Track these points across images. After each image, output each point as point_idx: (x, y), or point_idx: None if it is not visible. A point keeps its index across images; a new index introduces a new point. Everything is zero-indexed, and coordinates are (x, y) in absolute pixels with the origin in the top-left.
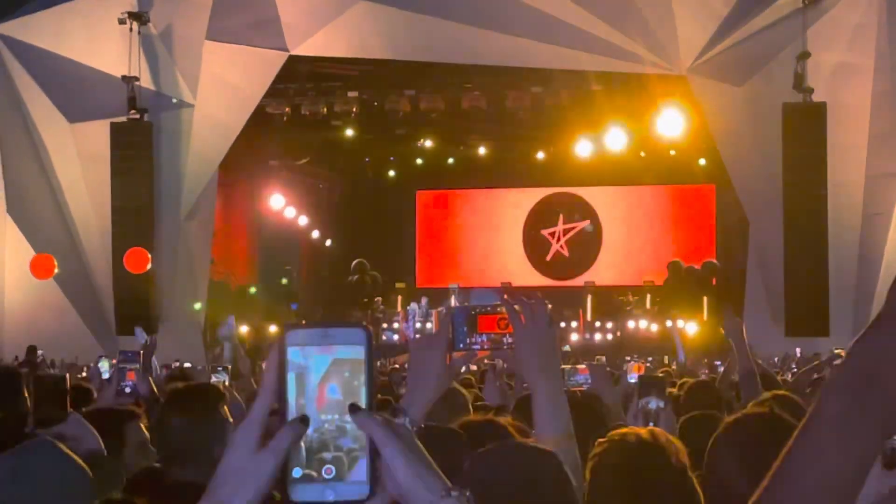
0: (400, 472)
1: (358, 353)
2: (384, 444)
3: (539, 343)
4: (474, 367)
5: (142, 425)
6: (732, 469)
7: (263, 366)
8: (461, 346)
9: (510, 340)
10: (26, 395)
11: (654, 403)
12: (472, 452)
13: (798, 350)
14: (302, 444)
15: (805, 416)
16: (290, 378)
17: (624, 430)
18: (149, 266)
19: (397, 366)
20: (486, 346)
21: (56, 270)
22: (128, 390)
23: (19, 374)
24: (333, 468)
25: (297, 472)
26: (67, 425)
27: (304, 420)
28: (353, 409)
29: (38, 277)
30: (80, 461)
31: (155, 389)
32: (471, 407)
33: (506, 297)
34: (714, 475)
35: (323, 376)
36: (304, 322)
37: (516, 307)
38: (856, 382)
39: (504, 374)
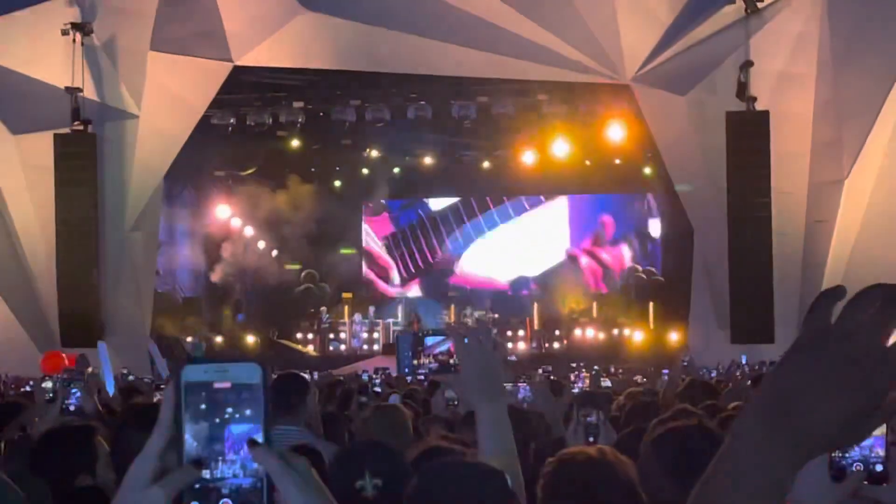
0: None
1: (255, 389)
2: (281, 478)
3: (482, 367)
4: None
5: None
6: (660, 481)
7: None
8: (406, 370)
9: (456, 362)
10: None
11: (593, 417)
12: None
13: (744, 357)
14: (204, 478)
15: (726, 440)
16: (186, 414)
17: (573, 449)
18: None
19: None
20: (431, 370)
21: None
22: (72, 408)
23: None
24: (230, 501)
25: None
26: None
27: (198, 464)
28: (252, 443)
29: (48, 372)
30: (10, 482)
31: (100, 407)
32: (410, 424)
33: (450, 322)
34: (644, 486)
35: (219, 412)
36: (199, 358)
37: (460, 331)
38: (773, 410)
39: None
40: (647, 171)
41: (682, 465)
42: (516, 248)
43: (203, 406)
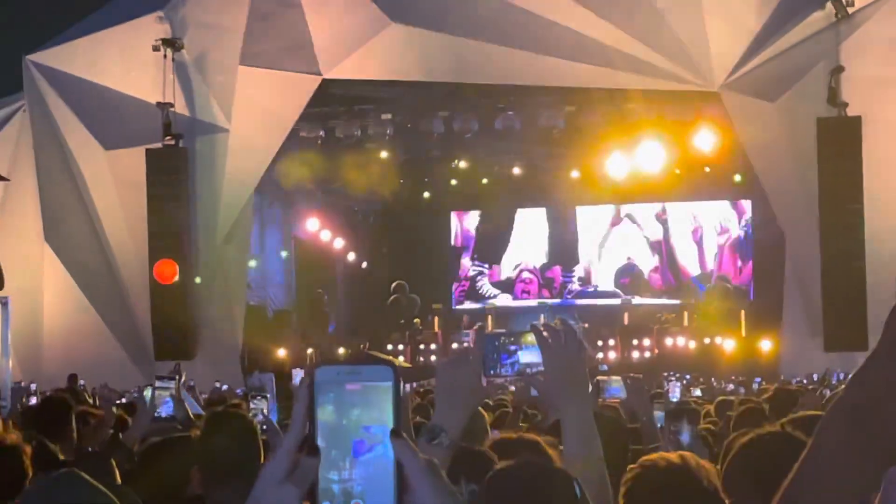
0: (430, 502)
1: (386, 390)
2: (419, 475)
3: (568, 368)
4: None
5: None
6: (747, 490)
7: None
8: (491, 372)
9: (539, 367)
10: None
11: (685, 436)
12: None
13: (837, 374)
14: (334, 479)
15: (807, 447)
16: (320, 413)
17: (654, 455)
18: (176, 278)
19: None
20: (514, 372)
21: (177, 277)
22: (164, 415)
23: (70, 404)
24: (361, 502)
25: None
26: None
27: (313, 450)
28: (395, 434)
29: (162, 282)
30: (106, 491)
31: (191, 414)
32: (489, 429)
33: (535, 323)
34: (730, 497)
35: (352, 412)
36: (332, 359)
37: (545, 333)
38: (855, 415)
39: (524, 404)
40: (738, 178)
41: (766, 473)
42: (610, 256)
43: (334, 406)
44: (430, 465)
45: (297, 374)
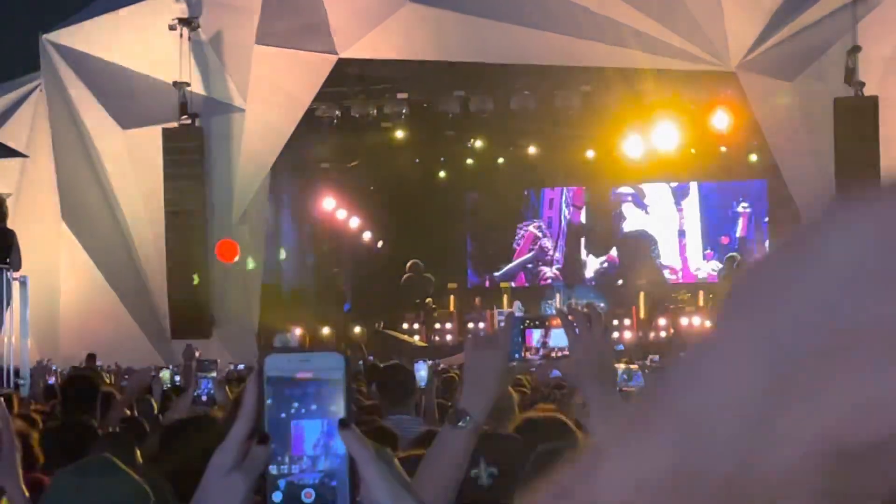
0: (380, 494)
1: (337, 378)
2: (367, 465)
3: (595, 353)
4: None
5: None
6: None
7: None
8: (517, 355)
9: (564, 351)
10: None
11: None
12: (532, 450)
13: None
14: (284, 469)
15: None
16: (269, 403)
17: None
18: (237, 257)
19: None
20: (540, 356)
21: (237, 257)
22: (204, 398)
23: (96, 383)
24: (313, 492)
25: (277, 497)
26: None
27: (262, 439)
28: (343, 424)
29: (224, 261)
30: (137, 478)
31: (230, 395)
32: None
33: (560, 308)
34: None
35: (302, 402)
36: (282, 347)
37: (570, 317)
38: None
39: (544, 385)
40: (754, 158)
41: None
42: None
43: (285, 395)
44: (382, 456)
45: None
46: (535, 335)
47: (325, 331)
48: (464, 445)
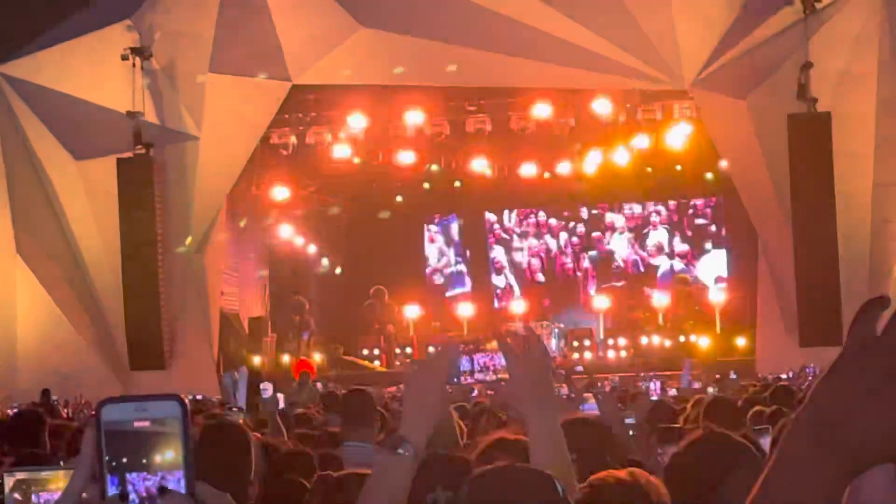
0: None
1: (174, 425)
2: None
3: (533, 375)
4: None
5: None
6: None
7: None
8: (455, 380)
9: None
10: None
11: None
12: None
13: (812, 368)
14: None
15: (773, 454)
16: (107, 453)
17: (603, 473)
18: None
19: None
20: (478, 380)
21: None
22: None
23: (43, 418)
24: None
25: None
26: None
27: (122, 497)
28: (162, 491)
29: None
30: None
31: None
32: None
33: (498, 331)
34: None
35: (139, 452)
36: (119, 396)
37: (508, 340)
38: (818, 423)
39: (500, 408)
40: (709, 175)
41: (701, 477)
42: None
43: (122, 446)
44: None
45: (266, 389)
46: (475, 360)
47: (285, 359)
48: (404, 471)
